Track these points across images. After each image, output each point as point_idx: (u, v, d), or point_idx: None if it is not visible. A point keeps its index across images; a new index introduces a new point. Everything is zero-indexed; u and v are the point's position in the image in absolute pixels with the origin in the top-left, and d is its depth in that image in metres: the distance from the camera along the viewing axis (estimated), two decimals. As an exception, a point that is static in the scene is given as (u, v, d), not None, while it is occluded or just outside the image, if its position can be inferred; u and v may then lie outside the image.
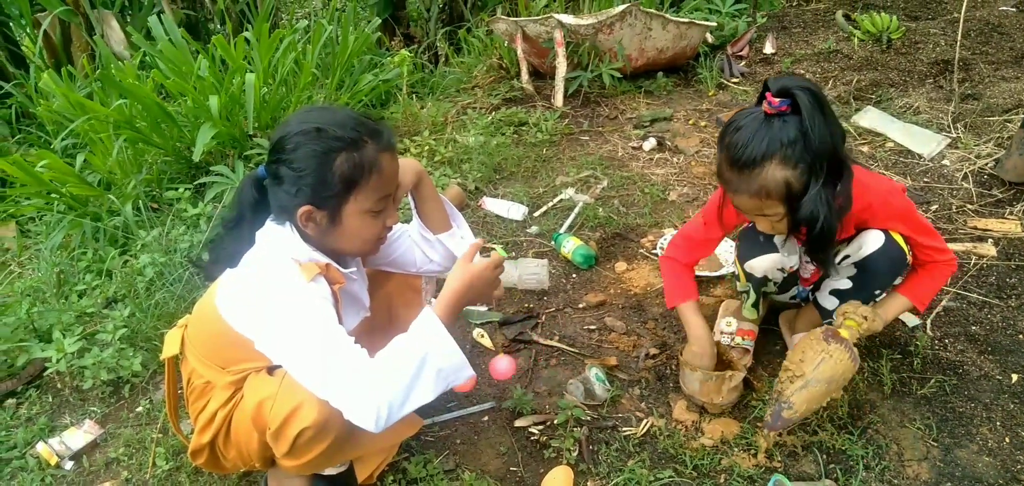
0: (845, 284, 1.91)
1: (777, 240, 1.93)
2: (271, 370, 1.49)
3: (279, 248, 1.46)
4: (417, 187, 1.73)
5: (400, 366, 1.35)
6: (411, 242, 1.81)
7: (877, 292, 1.90)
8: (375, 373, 1.34)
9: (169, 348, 1.62)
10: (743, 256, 2.01)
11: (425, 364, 1.36)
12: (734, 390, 1.94)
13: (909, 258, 1.84)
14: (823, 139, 1.56)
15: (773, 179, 1.60)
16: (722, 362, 2.01)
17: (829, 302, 1.97)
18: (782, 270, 1.97)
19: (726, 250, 2.58)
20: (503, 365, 2.15)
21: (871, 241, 1.82)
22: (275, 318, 1.40)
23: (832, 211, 1.63)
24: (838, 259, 1.90)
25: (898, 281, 1.92)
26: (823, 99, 1.58)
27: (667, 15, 4.18)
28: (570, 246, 2.70)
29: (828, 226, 1.63)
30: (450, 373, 1.40)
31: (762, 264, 1.96)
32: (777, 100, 1.57)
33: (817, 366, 1.73)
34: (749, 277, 2.02)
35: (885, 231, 1.82)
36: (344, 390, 1.34)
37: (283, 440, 1.42)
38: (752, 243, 1.97)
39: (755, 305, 2.09)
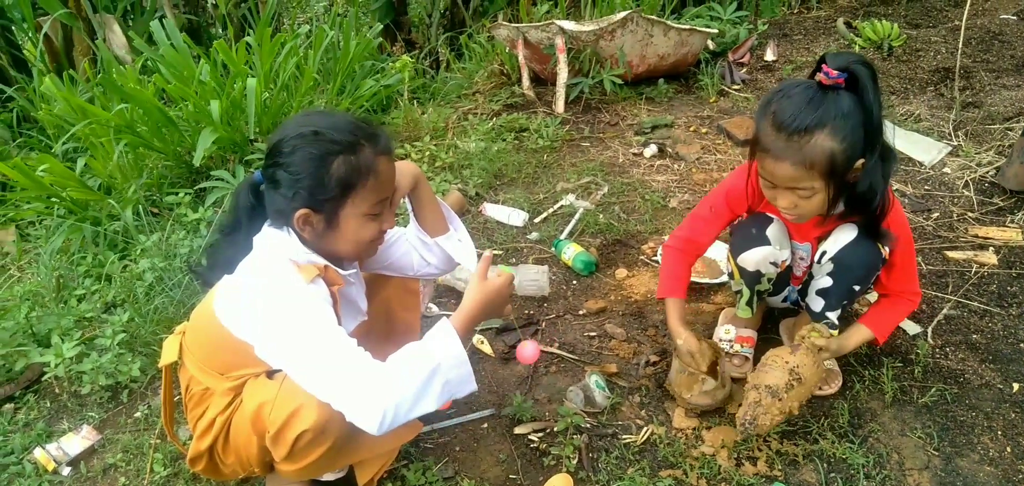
0: (826, 281, 1.89)
1: (770, 232, 1.91)
2: (270, 374, 1.49)
3: (277, 251, 1.46)
4: (414, 190, 1.72)
5: (413, 372, 1.35)
6: (409, 246, 1.80)
7: (857, 288, 1.89)
8: (384, 376, 1.34)
9: (167, 355, 1.62)
10: (735, 250, 1.99)
11: (436, 374, 1.36)
12: (706, 395, 1.93)
13: (884, 253, 1.83)
14: (878, 115, 1.59)
15: (821, 150, 1.58)
16: (716, 366, 1.99)
17: (816, 303, 1.95)
18: (775, 264, 1.94)
19: (725, 256, 2.56)
20: (529, 350, 2.13)
21: (845, 234, 1.84)
22: (275, 321, 1.40)
23: (887, 187, 1.67)
24: (817, 256, 1.91)
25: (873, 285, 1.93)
26: (876, 78, 1.59)
27: (668, 22, 4.19)
28: (571, 253, 2.69)
29: (882, 205, 1.68)
30: (456, 385, 1.41)
31: (754, 257, 1.93)
32: (835, 71, 1.57)
33: (787, 387, 1.76)
34: (742, 273, 1.99)
35: (857, 223, 1.82)
36: (348, 391, 1.34)
37: (282, 443, 1.42)
38: (744, 236, 1.96)
39: (749, 304, 2.07)
